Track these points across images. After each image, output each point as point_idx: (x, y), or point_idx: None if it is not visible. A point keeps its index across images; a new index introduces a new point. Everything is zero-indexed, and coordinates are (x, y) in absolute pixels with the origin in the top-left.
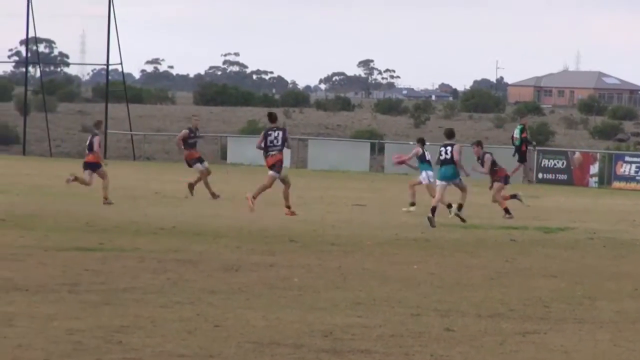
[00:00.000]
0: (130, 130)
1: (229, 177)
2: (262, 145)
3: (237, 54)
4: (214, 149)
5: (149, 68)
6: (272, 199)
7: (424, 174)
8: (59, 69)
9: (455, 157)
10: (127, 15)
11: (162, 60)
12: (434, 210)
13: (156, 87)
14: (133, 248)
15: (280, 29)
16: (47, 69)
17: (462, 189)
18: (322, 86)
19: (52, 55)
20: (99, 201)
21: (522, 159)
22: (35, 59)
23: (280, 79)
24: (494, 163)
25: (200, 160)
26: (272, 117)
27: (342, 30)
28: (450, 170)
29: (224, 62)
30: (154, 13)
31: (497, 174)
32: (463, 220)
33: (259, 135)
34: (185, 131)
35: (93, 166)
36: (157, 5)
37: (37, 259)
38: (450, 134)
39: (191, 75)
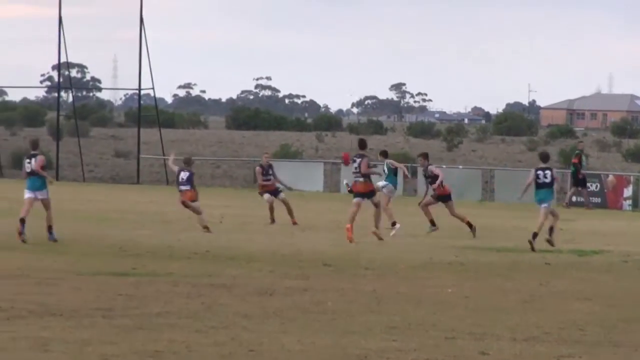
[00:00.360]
0: (163, 155)
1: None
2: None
3: (269, 78)
4: (247, 174)
5: (181, 92)
6: (306, 223)
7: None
8: (91, 94)
9: (556, 179)
10: (159, 39)
11: (194, 84)
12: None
13: (188, 111)
14: (167, 273)
15: (312, 53)
16: (79, 94)
17: (553, 213)
18: (355, 110)
19: (84, 80)
20: (133, 225)
21: (581, 183)
22: (68, 84)
23: (312, 102)
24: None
25: (274, 192)
26: (362, 144)
27: (374, 54)
28: (550, 193)
29: (256, 86)
30: (187, 37)
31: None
32: (552, 244)
33: (292, 159)
34: (258, 168)
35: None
36: (189, 30)
37: (71, 284)
38: (545, 158)
39: (223, 100)
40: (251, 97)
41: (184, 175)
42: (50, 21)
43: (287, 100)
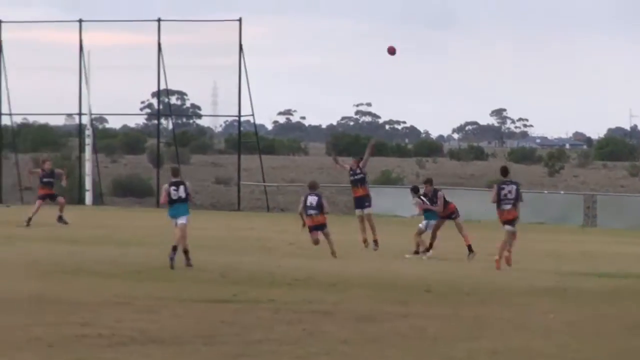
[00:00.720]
0: (264, 182)
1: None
2: (496, 199)
3: (369, 104)
4: (347, 200)
5: (282, 119)
6: (407, 249)
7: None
8: (191, 121)
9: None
10: (258, 66)
11: (295, 111)
12: None
13: (289, 138)
14: (268, 299)
15: (412, 79)
16: (179, 121)
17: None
18: (455, 136)
19: (184, 107)
20: (234, 252)
21: None
22: (168, 111)
23: (413, 128)
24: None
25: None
26: (504, 171)
27: (475, 80)
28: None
29: (357, 113)
30: (286, 64)
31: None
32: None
33: (393, 185)
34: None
35: (321, 227)
36: (289, 56)
37: (173, 311)
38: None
39: (324, 126)
40: (351, 123)
41: (312, 199)
42: (149, 49)
43: (387, 126)
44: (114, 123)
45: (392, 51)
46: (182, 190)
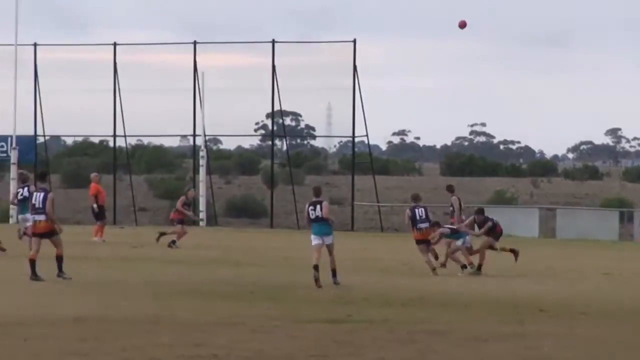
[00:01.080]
0: (377, 202)
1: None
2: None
3: (483, 124)
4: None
5: (396, 139)
6: (522, 269)
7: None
8: (305, 142)
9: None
10: (373, 86)
11: (409, 131)
12: None
13: (403, 158)
14: (382, 319)
15: (526, 99)
16: (293, 142)
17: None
18: (570, 155)
19: (299, 128)
20: (348, 272)
21: None
22: (282, 132)
23: (527, 148)
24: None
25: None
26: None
27: (589, 99)
28: None
29: (471, 133)
30: (401, 84)
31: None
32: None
33: (507, 205)
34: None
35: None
36: (403, 77)
37: (286, 331)
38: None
39: (438, 146)
40: (466, 143)
41: (420, 212)
42: (264, 70)
43: (501, 146)
44: (228, 144)
45: (462, 25)
46: (318, 210)
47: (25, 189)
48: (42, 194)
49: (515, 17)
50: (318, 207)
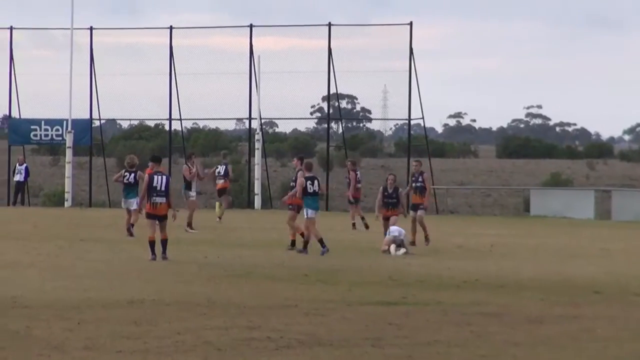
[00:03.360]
0: (433, 184)
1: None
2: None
3: (539, 107)
4: (518, 202)
5: (452, 122)
6: (577, 251)
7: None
8: (361, 125)
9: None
10: (429, 69)
11: (465, 113)
12: None
13: (459, 140)
14: (436, 301)
15: (583, 80)
16: (349, 125)
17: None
18: (626, 137)
19: (354, 110)
20: (403, 255)
21: None
22: (338, 115)
23: (583, 130)
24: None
25: None
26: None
27: None
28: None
29: (527, 115)
30: (457, 67)
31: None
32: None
33: (563, 187)
34: None
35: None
36: (459, 59)
37: (340, 314)
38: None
39: (494, 129)
40: (522, 125)
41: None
42: (320, 53)
43: (557, 129)
44: (284, 127)
45: None
46: (316, 185)
47: (132, 174)
48: (164, 178)
49: None
50: (316, 182)
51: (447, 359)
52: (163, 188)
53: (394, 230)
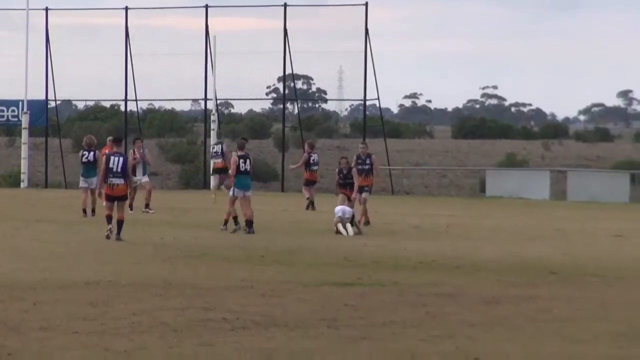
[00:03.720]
0: (389, 165)
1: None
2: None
3: (495, 87)
4: (473, 182)
5: (407, 103)
6: (532, 232)
7: None
8: (317, 105)
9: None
10: (385, 50)
11: (420, 94)
12: None
13: (414, 121)
14: (392, 282)
15: (538, 61)
16: (305, 105)
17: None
18: (582, 117)
19: (310, 91)
20: (357, 236)
21: None
22: (293, 95)
23: (538, 111)
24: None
25: None
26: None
27: (600, 62)
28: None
29: (482, 95)
30: (412, 48)
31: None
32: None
33: (518, 168)
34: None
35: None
36: (415, 40)
37: (296, 295)
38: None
39: (449, 109)
40: (477, 106)
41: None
42: (275, 33)
43: (513, 109)
44: (240, 108)
45: None
46: (248, 164)
47: (91, 153)
48: (121, 159)
49: None
50: (248, 161)
51: (403, 340)
52: (119, 169)
53: (338, 210)
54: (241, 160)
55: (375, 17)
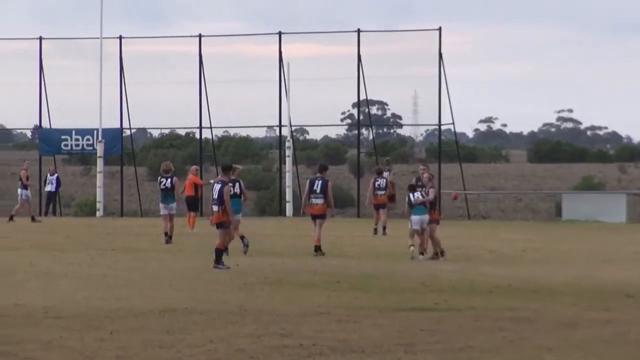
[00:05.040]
0: (464, 190)
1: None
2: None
3: (570, 111)
4: (549, 206)
5: (483, 127)
6: (609, 255)
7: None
8: (391, 131)
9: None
10: (459, 74)
11: (496, 118)
12: None
13: (490, 145)
14: (468, 307)
15: (614, 84)
16: (380, 131)
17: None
18: None
19: (385, 117)
20: (435, 260)
21: None
22: (368, 121)
23: (614, 134)
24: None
25: None
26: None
27: None
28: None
29: (558, 119)
30: (487, 72)
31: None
32: None
33: (594, 191)
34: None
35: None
36: (489, 64)
37: (373, 320)
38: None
39: (525, 133)
40: (553, 129)
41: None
42: (349, 59)
43: (589, 132)
44: (315, 134)
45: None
46: (237, 187)
47: (169, 180)
48: (220, 186)
49: (601, 2)
50: (237, 184)
51: None
52: (217, 197)
53: (416, 221)
54: (230, 185)
55: (448, 40)
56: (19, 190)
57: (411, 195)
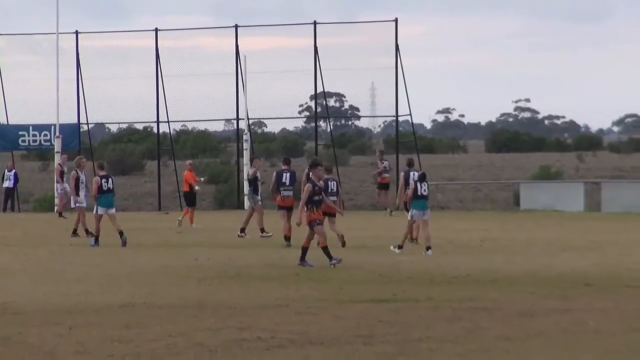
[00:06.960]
0: None
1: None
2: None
3: (527, 100)
4: (508, 196)
5: (440, 118)
6: (567, 244)
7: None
8: (349, 123)
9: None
10: (416, 65)
11: (453, 109)
12: None
13: (447, 136)
14: (427, 298)
15: (570, 73)
16: (337, 123)
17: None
18: (615, 128)
19: (343, 109)
20: (392, 252)
21: None
22: (325, 113)
23: (572, 123)
24: None
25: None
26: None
27: (633, 72)
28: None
29: (515, 109)
30: (444, 63)
31: None
32: None
33: (552, 180)
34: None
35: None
36: (446, 55)
37: (331, 312)
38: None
39: (482, 124)
40: (510, 119)
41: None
42: (306, 52)
43: (546, 122)
44: (273, 127)
45: None
46: (110, 183)
47: (109, 180)
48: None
49: None
50: (110, 180)
51: (438, 355)
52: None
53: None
54: (103, 180)
55: (405, 32)
56: None
57: (419, 185)
